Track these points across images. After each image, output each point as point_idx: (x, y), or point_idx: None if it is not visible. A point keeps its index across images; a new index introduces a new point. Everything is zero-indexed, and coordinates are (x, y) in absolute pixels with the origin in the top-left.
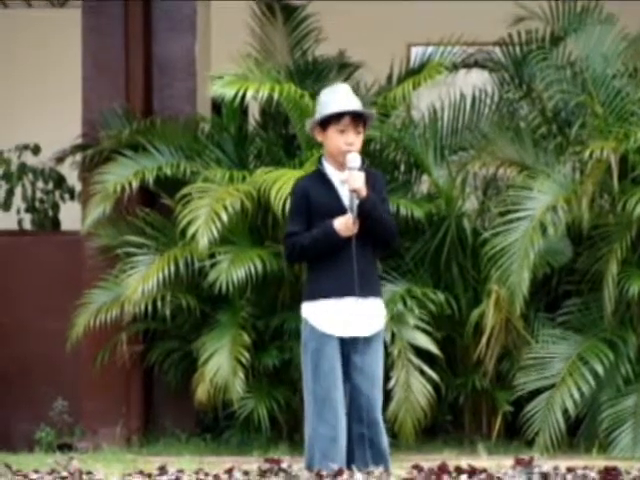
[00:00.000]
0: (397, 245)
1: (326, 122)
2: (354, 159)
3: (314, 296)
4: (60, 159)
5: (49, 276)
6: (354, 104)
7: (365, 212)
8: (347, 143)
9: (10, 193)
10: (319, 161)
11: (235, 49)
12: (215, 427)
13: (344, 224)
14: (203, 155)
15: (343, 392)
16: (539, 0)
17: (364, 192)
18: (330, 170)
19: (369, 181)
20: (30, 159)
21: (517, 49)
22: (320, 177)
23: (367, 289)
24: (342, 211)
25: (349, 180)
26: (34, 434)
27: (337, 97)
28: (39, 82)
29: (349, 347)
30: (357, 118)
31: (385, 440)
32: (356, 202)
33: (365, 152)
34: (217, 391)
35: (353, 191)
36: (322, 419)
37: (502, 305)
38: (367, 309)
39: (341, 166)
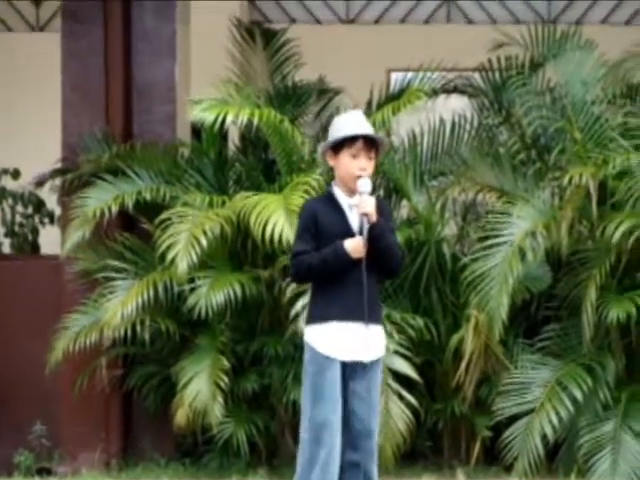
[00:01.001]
0: (398, 276)
1: (339, 146)
2: (365, 184)
3: (319, 319)
4: (40, 183)
5: (28, 300)
6: (367, 129)
7: (374, 237)
8: (359, 168)
9: None
10: (329, 184)
11: (215, 74)
12: (194, 451)
13: (355, 245)
14: (183, 180)
15: (341, 416)
16: (518, 25)
17: (374, 217)
18: (339, 194)
19: (379, 208)
20: (10, 183)
21: (496, 75)
22: (329, 200)
23: (372, 315)
24: (349, 235)
25: (360, 204)
26: (13, 458)
27: (350, 122)
28: (18, 106)
29: (349, 372)
30: (369, 143)
31: (376, 469)
32: (366, 226)
33: None
34: (196, 415)
35: (364, 215)
36: (319, 444)
37: (481, 330)
38: (371, 335)
39: (351, 191)
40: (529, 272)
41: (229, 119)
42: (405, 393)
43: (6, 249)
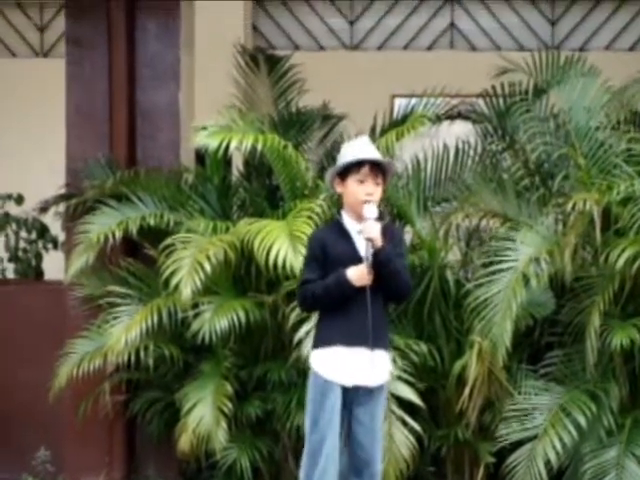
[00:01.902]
0: (407, 300)
1: (345, 172)
2: (371, 210)
3: (323, 343)
4: (44, 209)
5: (32, 325)
6: (373, 154)
7: (379, 262)
8: (366, 193)
9: None
10: (338, 212)
11: (219, 99)
12: (198, 477)
13: (358, 273)
14: (187, 205)
15: (339, 441)
16: (522, 52)
17: (379, 242)
18: (348, 221)
19: (386, 234)
20: (13, 209)
21: (500, 101)
22: (337, 227)
23: (377, 340)
24: (358, 262)
25: (365, 229)
26: None
27: (356, 147)
28: (23, 131)
29: (352, 397)
30: (376, 169)
31: None
32: (371, 251)
33: None
34: (200, 441)
35: (368, 240)
36: (316, 468)
37: (485, 356)
38: (375, 360)
39: (359, 217)
40: (533, 298)
41: (233, 145)
42: (408, 419)
43: (10, 274)
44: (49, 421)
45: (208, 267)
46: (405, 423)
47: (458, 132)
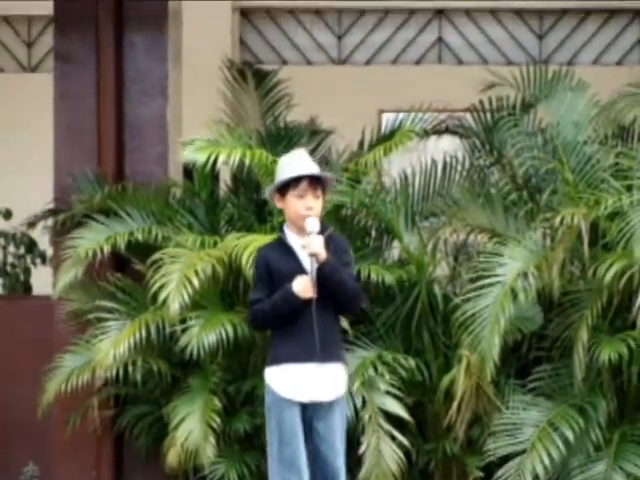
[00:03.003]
0: (359, 309)
1: (284, 188)
2: (312, 224)
3: (275, 361)
4: (32, 224)
5: (20, 340)
6: (311, 168)
7: (325, 276)
8: (306, 207)
9: None
10: (280, 228)
11: (206, 114)
12: None
13: (302, 285)
14: (174, 220)
15: (306, 456)
16: (510, 66)
17: (323, 256)
18: (291, 236)
19: (331, 246)
20: (1, 224)
21: (488, 115)
22: (281, 244)
23: (328, 354)
24: (303, 275)
25: (307, 244)
26: None
27: (294, 162)
28: (10, 146)
29: (310, 412)
30: (315, 182)
31: None
32: (315, 266)
33: (336, 218)
34: (188, 456)
35: (312, 255)
36: None
37: (473, 371)
38: (328, 374)
39: (301, 231)
40: (521, 313)
41: (221, 159)
42: (396, 433)
43: None
44: (37, 436)
45: (196, 282)
46: (393, 437)
47: (446, 147)
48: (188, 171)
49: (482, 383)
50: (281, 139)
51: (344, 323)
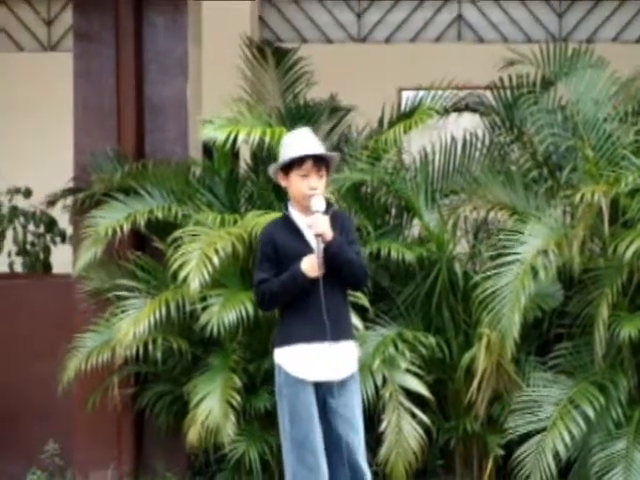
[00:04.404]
0: (366, 285)
1: (288, 167)
2: (318, 203)
3: (286, 342)
4: (51, 202)
5: (40, 319)
6: (315, 147)
7: (331, 255)
8: (310, 187)
9: (1, 236)
10: (285, 206)
11: (226, 92)
12: (206, 470)
13: (310, 264)
14: (194, 199)
15: (321, 435)
16: (530, 44)
17: (329, 236)
18: (296, 214)
19: (336, 224)
20: (21, 202)
21: (508, 93)
22: (286, 222)
23: (338, 332)
24: (309, 254)
25: (313, 224)
26: (26, 477)
27: (298, 141)
28: (30, 125)
29: (324, 391)
30: (319, 162)
31: None
32: (321, 246)
33: (356, 196)
34: (208, 434)
35: (318, 235)
36: (303, 464)
37: (493, 348)
38: (339, 352)
39: (306, 210)
40: (541, 290)
41: (240, 138)
42: (417, 411)
43: (18, 268)
44: (58, 415)
45: (216, 260)
46: (414, 415)
47: (466, 124)
48: (208, 149)
49: (502, 361)
50: (301, 117)
51: (364, 301)
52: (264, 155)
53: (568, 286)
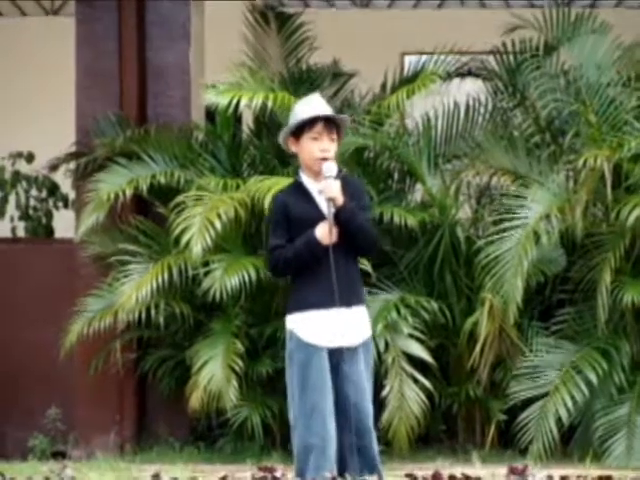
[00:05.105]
0: (376, 252)
1: (299, 131)
2: (330, 168)
3: (299, 307)
4: (54, 167)
5: (43, 284)
6: (326, 110)
7: (343, 220)
8: (321, 150)
9: (4, 201)
10: (296, 172)
11: (229, 57)
12: (209, 435)
13: (324, 231)
14: (197, 163)
15: (332, 402)
16: (533, 9)
17: (340, 200)
18: (307, 180)
19: (347, 189)
20: (24, 167)
21: (511, 58)
22: (298, 188)
23: (351, 298)
24: (322, 220)
25: (325, 189)
26: (28, 442)
27: (308, 105)
28: (32, 90)
29: (337, 357)
30: (330, 124)
31: (376, 448)
32: (332, 211)
33: (359, 160)
34: (211, 399)
35: (329, 200)
36: (311, 430)
37: (496, 314)
38: (352, 318)
39: (317, 175)
40: (543, 255)
41: (243, 102)
42: (419, 376)
43: (20, 233)
44: (60, 380)
45: (219, 225)
46: (416, 380)
47: (468, 89)
48: (211, 114)
49: (505, 326)
50: (303, 82)
51: (367, 266)
52: (267, 120)
53: (571, 251)
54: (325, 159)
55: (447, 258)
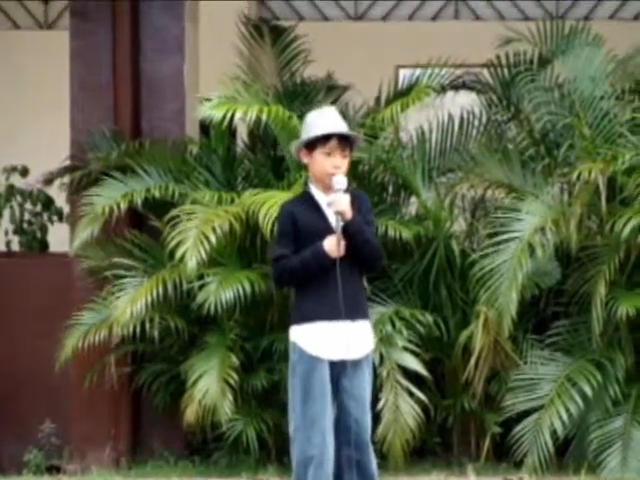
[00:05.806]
0: (381, 266)
1: (312, 144)
2: (340, 182)
3: (303, 319)
4: (48, 181)
5: (37, 298)
6: (341, 126)
7: (350, 234)
8: (334, 166)
9: None
10: (305, 183)
11: (223, 71)
12: (204, 449)
13: (333, 244)
14: (191, 177)
15: (332, 415)
16: (527, 22)
17: (349, 215)
18: (316, 192)
19: (355, 203)
20: (18, 181)
21: (505, 71)
22: (307, 199)
23: (356, 312)
24: (329, 233)
25: (334, 202)
26: (22, 456)
27: (324, 119)
28: (26, 104)
29: (338, 370)
30: (344, 141)
31: (374, 463)
32: (340, 224)
33: (353, 174)
34: (206, 413)
35: (338, 213)
36: (311, 442)
37: (490, 326)
38: (356, 332)
39: (327, 188)
40: (538, 268)
41: (237, 116)
42: (414, 389)
43: (15, 247)
44: (55, 394)
45: (213, 238)
46: (411, 393)
47: (463, 102)
48: (205, 128)
49: (500, 339)
50: (298, 95)
51: None
52: (261, 133)
53: (565, 264)
54: (336, 174)
55: (442, 271)
